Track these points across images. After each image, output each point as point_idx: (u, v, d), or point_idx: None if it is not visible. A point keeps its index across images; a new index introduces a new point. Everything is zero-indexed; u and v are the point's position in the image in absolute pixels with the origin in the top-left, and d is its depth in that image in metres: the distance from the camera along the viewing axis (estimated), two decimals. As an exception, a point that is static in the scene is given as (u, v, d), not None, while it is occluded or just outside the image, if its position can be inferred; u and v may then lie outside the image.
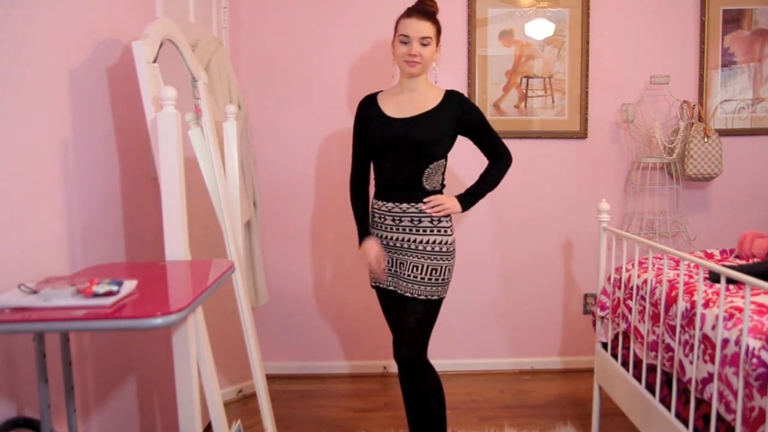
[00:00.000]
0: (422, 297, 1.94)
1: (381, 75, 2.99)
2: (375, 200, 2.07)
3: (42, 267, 1.44)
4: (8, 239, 1.32)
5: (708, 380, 1.54)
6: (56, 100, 1.54)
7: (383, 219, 2.03)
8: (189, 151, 1.96)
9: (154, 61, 1.66)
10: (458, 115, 1.99)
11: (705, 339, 1.57)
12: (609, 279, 2.32)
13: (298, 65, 3.02)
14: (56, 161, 1.52)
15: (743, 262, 2.23)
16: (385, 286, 2.05)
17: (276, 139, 3.04)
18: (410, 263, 1.96)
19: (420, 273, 1.94)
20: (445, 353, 3.11)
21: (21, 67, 1.38)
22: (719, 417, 1.50)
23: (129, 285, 1.20)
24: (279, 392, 2.91)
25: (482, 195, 2.08)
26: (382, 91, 2.09)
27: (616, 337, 2.23)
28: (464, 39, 3.01)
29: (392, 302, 2.05)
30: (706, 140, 2.90)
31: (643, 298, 1.99)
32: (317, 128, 3.05)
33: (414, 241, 1.97)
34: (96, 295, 1.13)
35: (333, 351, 3.17)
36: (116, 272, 1.46)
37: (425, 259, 1.95)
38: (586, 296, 3.16)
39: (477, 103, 2.93)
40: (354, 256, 3.05)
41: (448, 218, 2.01)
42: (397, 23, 1.98)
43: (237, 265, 2.04)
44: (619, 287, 2.20)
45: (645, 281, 2.00)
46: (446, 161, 2.02)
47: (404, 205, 1.98)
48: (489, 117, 2.88)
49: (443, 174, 2.02)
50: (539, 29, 3.02)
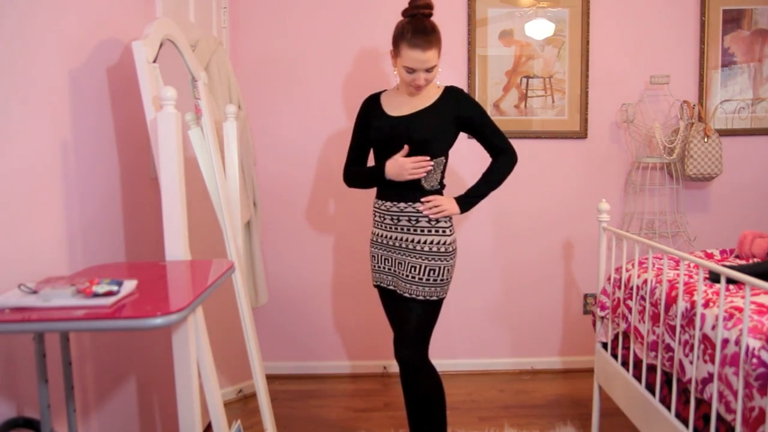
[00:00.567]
0: (421, 297, 1.94)
1: (381, 75, 2.99)
2: (376, 199, 2.07)
3: (42, 267, 1.44)
4: (8, 239, 1.32)
5: (708, 380, 1.54)
6: (56, 100, 1.53)
7: (383, 218, 2.03)
8: (189, 151, 1.96)
9: (154, 61, 1.67)
10: (456, 111, 1.97)
11: (705, 339, 1.57)
12: (609, 279, 2.32)
13: (298, 65, 3.02)
14: (56, 161, 1.52)
15: (743, 262, 2.22)
16: (386, 286, 2.05)
17: (276, 139, 3.04)
18: (408, 263, 1.96)
19: (418, 273, 1.94)
20: (446, 353, 3.11)
21: (21, 67, 1.38)
22: (719, 417, 1.50)
23: (129, 285, 1.20)
24: (279, 392, 2.91)
25: (483, 195, 2.04)
26: (386, 91, 2.10)
27: (616, 337, 2.23)
28: (464, 39, 3.01)
29: (393, 302, 2.05)
30: (706, 140, 2.90)
31: (643, 298, 1.98)
32: (317, 128, 3.05)
33: (412, 241, 1.96)
34: (96, 295, 1.13)
35: (333, 351, 3.17)
36: (116, 272, 1.46)
37: (423, 260, 1.94)
38: (586, 296, 3.15)
39: (477, 103, 2.92)
40: (354, 257, 3.05)
41: (447, 218, 1.99)
42: (400, 47, 1.87)
43: (237, 265, 2.04)
44: (619, 287, 2.20)
45: (645, 281, 2.00)
46: (446, 159, 2.00)
47: (402, 205, 1.97)
48: (489, 117, 2.88)
49: (443, 173, 2.01)
50: (539, 29, 3.02)
